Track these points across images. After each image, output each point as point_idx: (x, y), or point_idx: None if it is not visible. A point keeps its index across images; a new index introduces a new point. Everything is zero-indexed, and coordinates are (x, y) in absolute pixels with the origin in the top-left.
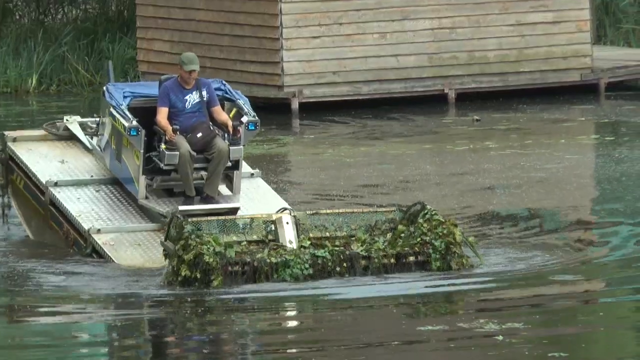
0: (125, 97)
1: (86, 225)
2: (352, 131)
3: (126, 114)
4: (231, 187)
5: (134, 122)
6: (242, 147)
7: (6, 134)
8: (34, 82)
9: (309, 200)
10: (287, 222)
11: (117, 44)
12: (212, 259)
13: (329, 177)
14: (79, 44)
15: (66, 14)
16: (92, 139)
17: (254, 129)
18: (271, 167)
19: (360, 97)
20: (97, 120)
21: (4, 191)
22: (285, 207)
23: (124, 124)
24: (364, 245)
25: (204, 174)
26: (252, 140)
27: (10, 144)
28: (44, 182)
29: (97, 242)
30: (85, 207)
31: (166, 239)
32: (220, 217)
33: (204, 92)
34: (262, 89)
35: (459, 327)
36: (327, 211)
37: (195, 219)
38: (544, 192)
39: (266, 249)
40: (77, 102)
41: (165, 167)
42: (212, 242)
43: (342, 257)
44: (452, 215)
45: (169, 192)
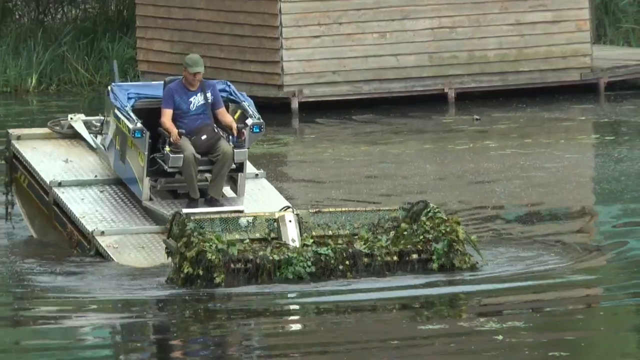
0: (129, 98)
1: (90, 227)
2: (352, 131)
3: (130, 115)
4: (235, 189)
5: (139, 124)
6: (246, 149)
7: (10, 131)
8: (33, 81)
9: (309, 199)
10: (289, 220)
11: (116, 44)
12: (214, 256)
13: (328, 176)
14: (79, 44)
15: (66, 14)
16: (96, 137)
17: (258, 131)
18: (271, 167)
19: (360, 97)
20: (102, 119)
21: (8, 189)
22: (288, 206)
23: (128, 126)
24: (366, 243)
25: (209, 176)
26: None
27: (14, 142)
28: (48, 182)
29: (100, 245)
30: (89, 208)
31: (168, 236)
32: (222, 215)
33: (209, 94)
34: (262, 88)
35: (460, 327)
36: (330, 210)
37: (197, 217)
38: (543, 192)
39: (269, 247)
40: (77, 101)
41: (169, 170)
42: (215, 239)
43: (344, 255)
44: (452, 214)
45: (173, 194)
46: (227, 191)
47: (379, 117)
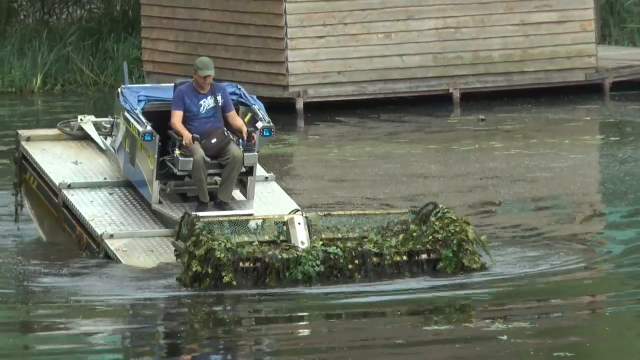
0: (139, 101)
1: (99, 230)
2: (357, 131)
3: (140, 118)
4: (245, 193)
5: (148, 127)
6: (256, 153)
7: (20, 132)
8: (38, 82)
9: (315, 200)
10: (299, 223)
11: (121, 44)
12: (223, 255)
13: (334, 176)
14: (84, 44)
15: (71, 14)
16: (106, 139)
17: (268, 135)
18: (276, 167)
19: (365, 97)
20: (111, 120)
21: (17, 190)
22: (297, 209)
23: (138, 129)
24: (376, 244)
25: (218, 179)
26: None
27: (23, 143)
28: (58, 184)
29: (109, 248)
30: (98, 211)
31: (177, 238)
32: (232, 218)
33: (219, 97)
34: (267, 88)
35: (465, 327)
36: (339, 213)
37: (206, 219)
38: (548, 192)
39: (278, 248)
40: (82, 102)
41: (179, 173)
42: (224, 240)
43: (353, 254)
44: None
45: (182, 197)
46: (237, 194)
47: (384, 117)
